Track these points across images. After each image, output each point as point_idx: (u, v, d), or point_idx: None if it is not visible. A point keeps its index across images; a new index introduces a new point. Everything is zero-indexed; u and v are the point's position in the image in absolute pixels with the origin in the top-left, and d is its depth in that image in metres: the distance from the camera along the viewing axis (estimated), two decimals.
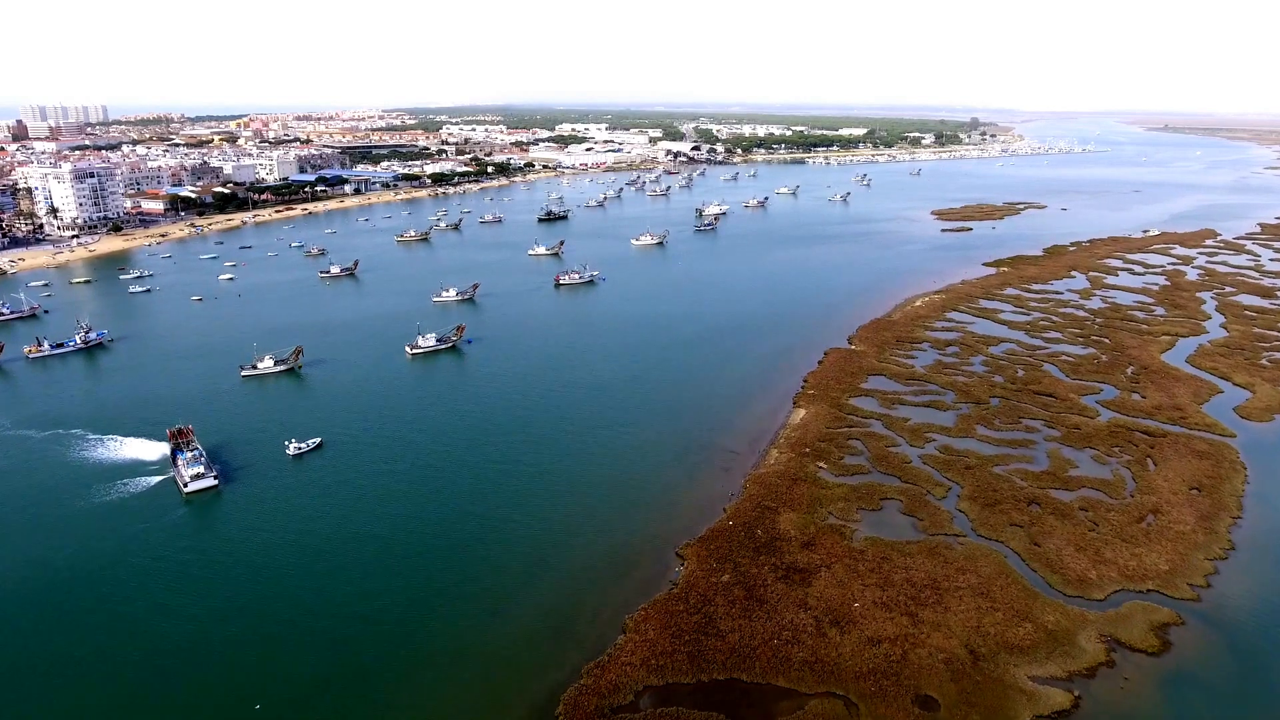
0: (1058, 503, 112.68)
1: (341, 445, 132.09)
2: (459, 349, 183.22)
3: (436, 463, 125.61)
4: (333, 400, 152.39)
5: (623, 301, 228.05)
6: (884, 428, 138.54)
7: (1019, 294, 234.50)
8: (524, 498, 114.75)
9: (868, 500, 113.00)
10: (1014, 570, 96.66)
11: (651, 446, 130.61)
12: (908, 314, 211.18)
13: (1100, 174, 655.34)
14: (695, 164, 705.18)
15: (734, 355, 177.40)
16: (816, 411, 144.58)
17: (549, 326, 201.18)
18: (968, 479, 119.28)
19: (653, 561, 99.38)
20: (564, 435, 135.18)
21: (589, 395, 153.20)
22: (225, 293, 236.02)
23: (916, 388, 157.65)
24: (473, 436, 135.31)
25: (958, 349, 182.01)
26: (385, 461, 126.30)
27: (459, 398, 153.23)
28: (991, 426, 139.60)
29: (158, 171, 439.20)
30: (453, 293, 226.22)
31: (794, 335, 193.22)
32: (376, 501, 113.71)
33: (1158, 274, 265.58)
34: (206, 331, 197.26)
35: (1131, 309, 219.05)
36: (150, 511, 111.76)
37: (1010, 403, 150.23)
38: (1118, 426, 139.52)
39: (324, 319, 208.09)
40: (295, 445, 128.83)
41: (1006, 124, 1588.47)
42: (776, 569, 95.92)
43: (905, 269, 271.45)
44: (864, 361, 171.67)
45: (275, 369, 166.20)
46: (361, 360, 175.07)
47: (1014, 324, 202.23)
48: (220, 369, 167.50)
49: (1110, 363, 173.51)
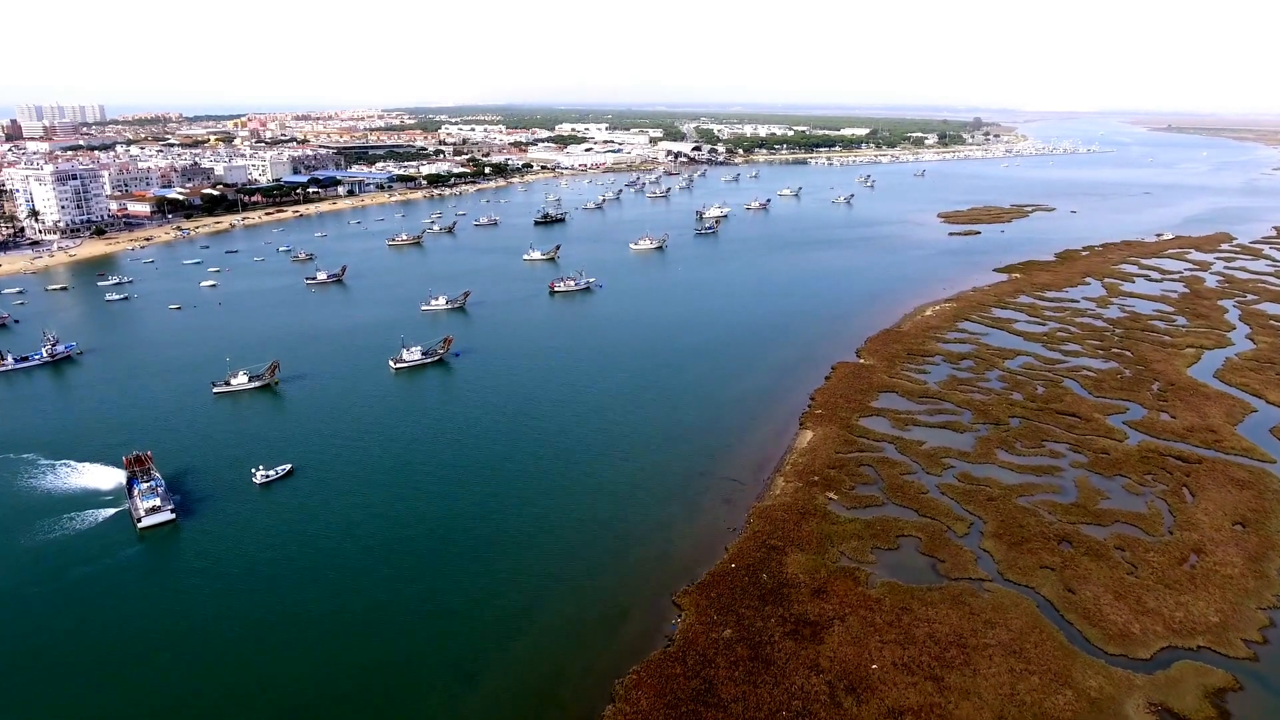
0: (1091, 540, 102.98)
1: (312, 472, 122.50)
2: (446, 362, 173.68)
3: (410, 494, 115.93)
4: (308, 420, 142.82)
5: (620, 310, 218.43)
6: (897, 452, 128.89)
7: (1033, 302, 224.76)
8: (507, 537, 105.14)
9: (883, 537, 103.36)
10: (1047, 623, 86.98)
11: (647, 475, 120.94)
12: (918, 324, 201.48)
13: (1107, 175, 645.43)
14: (696, 165, 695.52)
15: (736, 370, 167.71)
16: (825, 434, 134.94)
17: (542, 338, 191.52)
18: (990, 512, 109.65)
19: (646, 612, 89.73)
20: (553, 462, 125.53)
21: (581, 415, 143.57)
22: (206, 301, 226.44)
23: (930, 406, 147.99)
24: (453, 463, 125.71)
25: (972, 363, 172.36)
26: (356, 491, 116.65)
27: (441, 418, 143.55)
28: (1013, 451, 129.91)
29: (146, 173, 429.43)
30: (442, 301, 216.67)
31: (799, 347, 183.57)
32: (342, 540, 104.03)
33: (1175, 280, 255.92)
34: (182, 343, 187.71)
35: (1151, 318, 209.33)
36: (98, 550, 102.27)
37: (1031, 423, 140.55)
38: (1149, 451, 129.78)
39: (307, 329, 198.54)
40: (263, 473, 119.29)
41: (1009, 124, 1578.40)
42: (784, 622, 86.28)
43: (913, 275, 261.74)
44: (874, 377, 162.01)
45: (249, 386, 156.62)
46: (342, 375, 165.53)
47: (1030, 335, 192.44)
48: (192, 385, 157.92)
49: (1134, 378, 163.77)
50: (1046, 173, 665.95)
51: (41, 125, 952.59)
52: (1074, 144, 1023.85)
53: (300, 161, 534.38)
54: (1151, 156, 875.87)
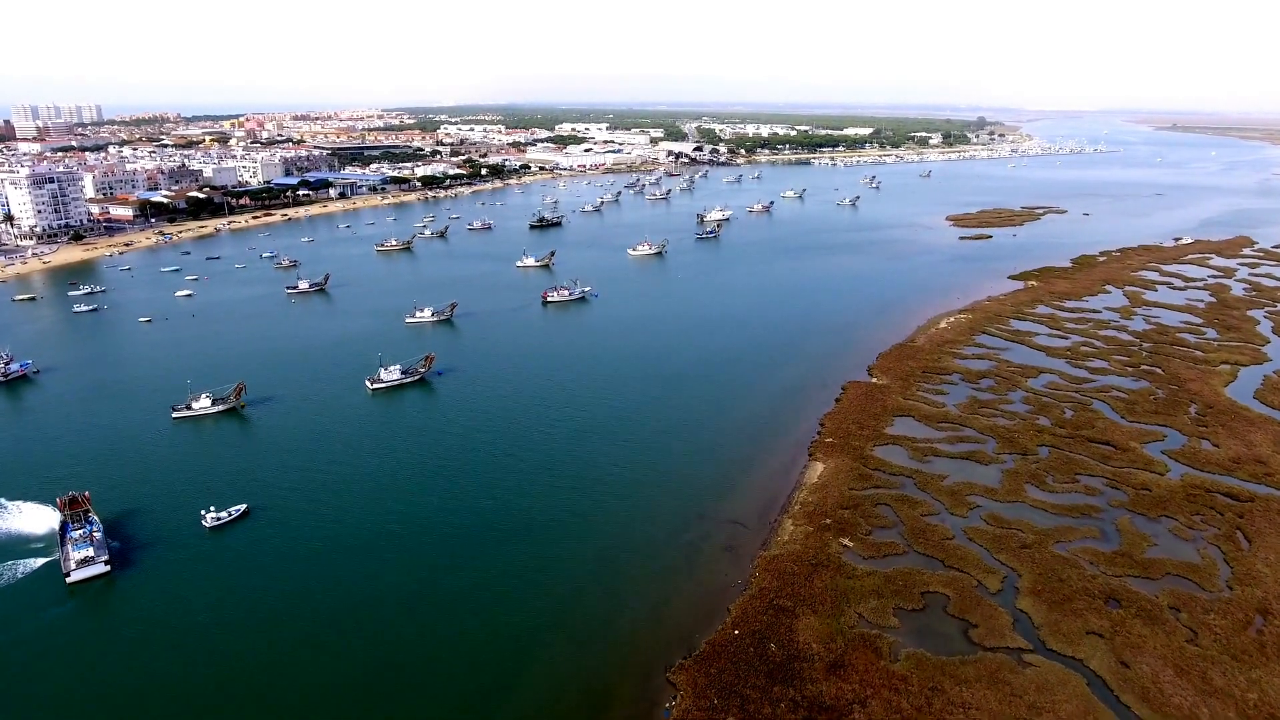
0: (1141, 599, 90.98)
1: (270, 512, 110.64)
2: (427, 382, 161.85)
3: (374, 541, 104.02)
4: (272, 450, 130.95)
5: (616, 322, 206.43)
6: (917, 489, 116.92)
7: (1052, 313, 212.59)
8: (484, 594, 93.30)
9: (906, 595, 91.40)
10: (1102, 707, 75.02)
11: (641, 517, 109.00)
12: (932, 338, 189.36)
13: (1116, 175, 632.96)
14: (697, 165, 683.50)
15: (739, 391, 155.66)
16: (837, 466, 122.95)
17: (531, 355, 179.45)
18: (1025, 563, 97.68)
19: (636, 691, 77.85)
20: (537, 502, 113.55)
21: (570, 445, 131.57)
22: (179, 312, 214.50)
23: (951, 433, 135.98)
24: (427, 501, 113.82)
25: (993, 381, 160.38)
26: (316, 537, 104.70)
27: (417, 448, 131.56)
28: (1044, 486, 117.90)
29: (132, 175, 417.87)
30: (428, 313, 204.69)
31: (807, 364, 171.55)
32: (293, 600, 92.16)
33: (1200, 288, 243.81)
34: (147, 360, 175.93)
35: (1179, 331, 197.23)
36: (20, 609, 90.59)
37: (1062, 453, 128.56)
38: (1194, 487, 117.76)
39: (282, 344, 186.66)
40: (214, 515, 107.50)
41: (1012, 123, 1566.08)
42: (796, 707, 74.33)
43: (924, 283, 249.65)
44: (888, 399, 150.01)
45: (213, 409, 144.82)
46: (315, 396, 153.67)
47: (1052, 350, 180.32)
48: (150, 409, 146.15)
49: (1169, 400, 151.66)
50: (1054, 173, 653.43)
51: (35, 126, 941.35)
52: (1080, 143, 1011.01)
53: (292, 163, 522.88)
54: (1160, 156, 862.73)
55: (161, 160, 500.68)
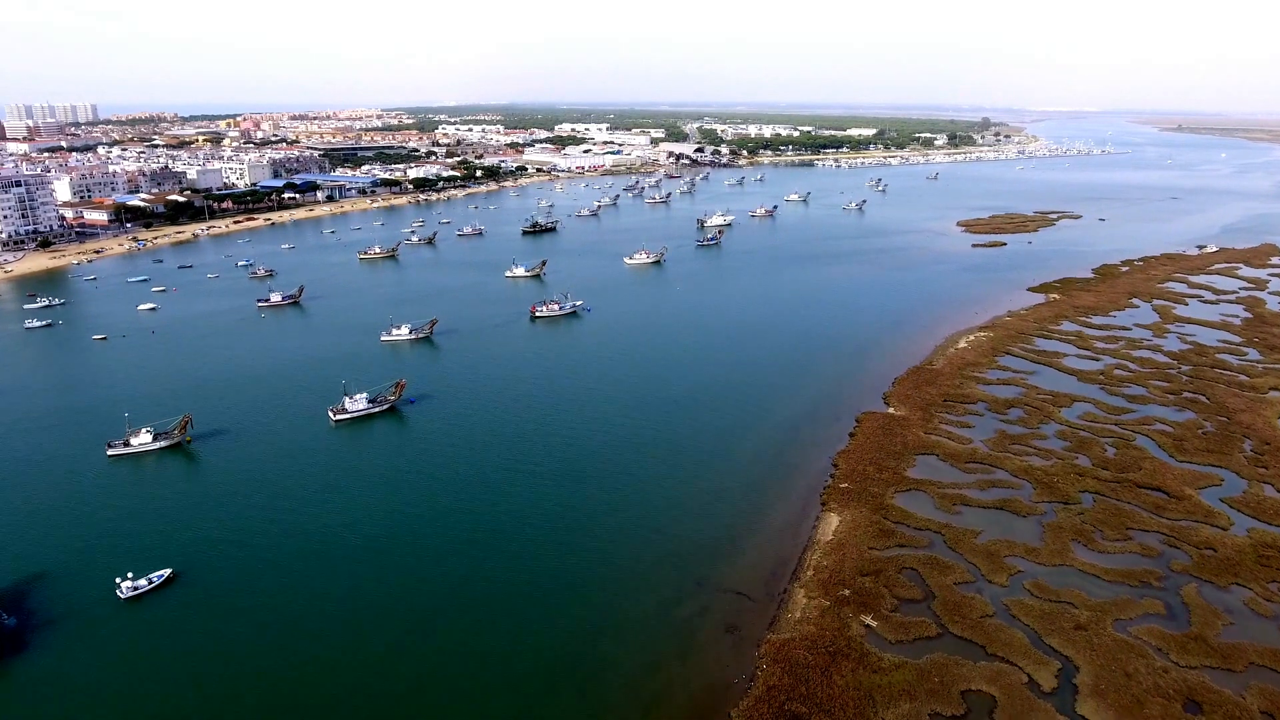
0: (1227, 701, 75.75)
1: (201, 575, 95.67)
2: (398, 411, 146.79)
3: (319, 615, 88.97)
4: (215, 497, 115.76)
5: (608, 341, 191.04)
6: (947, 547, 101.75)
7: (1079, 330, 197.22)
8: (437, 694, 78.16)
9: (943, 697, 76.16)
10: None
11: (631, 586, 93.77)
12: (952, 360, 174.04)
13: (1127, 178, 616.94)
14: (699, 167, 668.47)
15: (742, 423, 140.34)
16: (854, 519, 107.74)
17: (514, 379, 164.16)
18: (1082, 650, 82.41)
19: None
20: (516, 565, 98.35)
21: (555, 491, 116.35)
22: (138, 328, 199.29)
23: (981, 476, 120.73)
24: (387, 563, 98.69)
25: (1022, 412, 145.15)
26: (251, 608, 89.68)
27: (381, 493, 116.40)
28: (1093, 545, 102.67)
29: (112, 177, 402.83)
30: (406, 330, 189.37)
31: (816, 391, 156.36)
32: (221, 693, 77.00)
33: (1232, 302, 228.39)
34: (92, 385, 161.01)
35: (1218, 351, 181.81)
36: None
37: (1108, 501, 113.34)
38: (1265, 546, 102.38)
39: (245, 365, 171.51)
40: (131, 583, 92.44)
41: (1016, 124, 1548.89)
42: None
43: (939, 296, 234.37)
44: (908, 433, 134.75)
45: (154, 446, 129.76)
46: (272, 429, 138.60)
47: (1084, 375, 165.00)
48: (85, 444, 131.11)
49: (1220, 435, 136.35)
50: (1063, 175, 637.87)
51: (26, 125, 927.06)
52: (1087, 145, 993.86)
53: (282, 164, 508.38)
54: (1170, 158, 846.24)
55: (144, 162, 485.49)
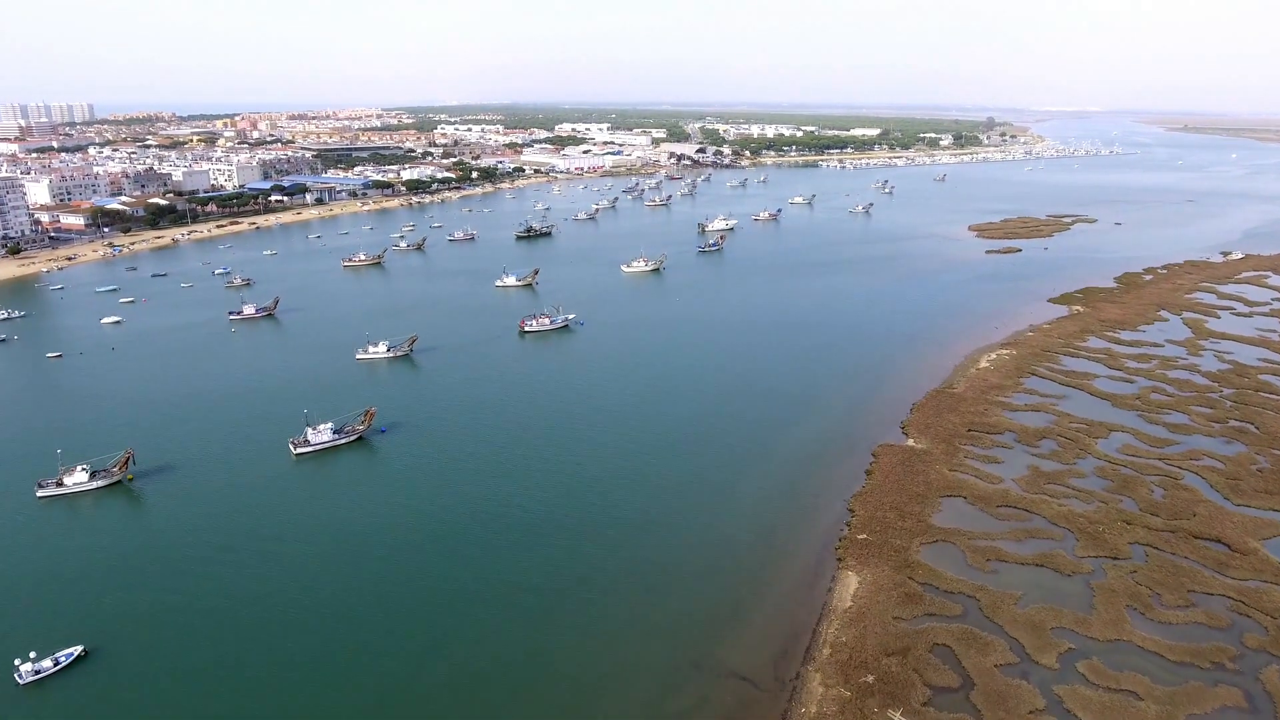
0: None
1: (120, 654, 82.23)
2: (366, 441, 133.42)
3: (257, 697, 75.53)
4: (152, 547, 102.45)
5: (602, 361, 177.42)
6: (984, 616, 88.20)
7: (1108, 348, 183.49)
8: None
9: None
10: None
11: (618, 672, 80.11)
12: (974, 381, 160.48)
13: (1138, 179, 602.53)
14: (700, 168, 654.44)
15: (747, 459, 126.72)
16: (875, 580, 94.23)
17: (500, 402, 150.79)
18: None
19: None
20: (486, 640, 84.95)
21: (537, 545, 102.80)
22: (98, 345, 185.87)
23: (1016, 524, 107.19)
24: (337, 638, 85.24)
25: (1055, 444, 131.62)
26: (171, 692, 76.25)
27: (340, 544, 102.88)
28: (1151, 613, 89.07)
29: (95, 179, 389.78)
30: (383, 348, 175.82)
31: (827, 419, 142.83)
32: None
33: (1267, 314, 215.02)
34: (36, 410, 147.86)
35: (1260, 371, 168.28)
36: None
37: (1163, 556, 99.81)
38: None
39: (207, 387, 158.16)
40: (32, 665, 79.07)
41: (1021, 123, 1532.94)
42: None
43: (954, 307, 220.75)
44: (931, 471, 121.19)
45: (90, 486, 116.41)
46: (227, 462, 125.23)
47: (1118, 400, 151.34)
48: (14, 483, 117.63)
49: (1276, 471, 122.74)
50: (1073, 176, 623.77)
51: (18, 125, 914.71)
52: (1094, 145, 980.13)
53: (272, 165, 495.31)
54: (1180, 159, 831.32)
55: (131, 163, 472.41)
